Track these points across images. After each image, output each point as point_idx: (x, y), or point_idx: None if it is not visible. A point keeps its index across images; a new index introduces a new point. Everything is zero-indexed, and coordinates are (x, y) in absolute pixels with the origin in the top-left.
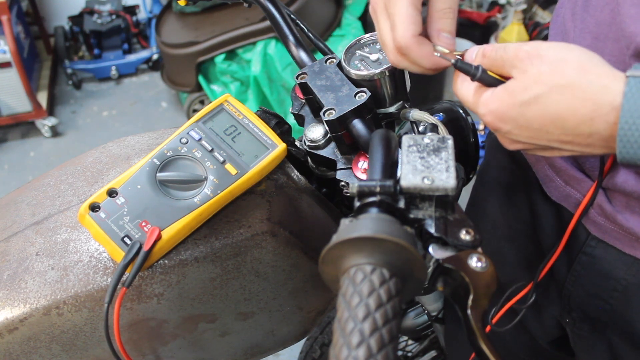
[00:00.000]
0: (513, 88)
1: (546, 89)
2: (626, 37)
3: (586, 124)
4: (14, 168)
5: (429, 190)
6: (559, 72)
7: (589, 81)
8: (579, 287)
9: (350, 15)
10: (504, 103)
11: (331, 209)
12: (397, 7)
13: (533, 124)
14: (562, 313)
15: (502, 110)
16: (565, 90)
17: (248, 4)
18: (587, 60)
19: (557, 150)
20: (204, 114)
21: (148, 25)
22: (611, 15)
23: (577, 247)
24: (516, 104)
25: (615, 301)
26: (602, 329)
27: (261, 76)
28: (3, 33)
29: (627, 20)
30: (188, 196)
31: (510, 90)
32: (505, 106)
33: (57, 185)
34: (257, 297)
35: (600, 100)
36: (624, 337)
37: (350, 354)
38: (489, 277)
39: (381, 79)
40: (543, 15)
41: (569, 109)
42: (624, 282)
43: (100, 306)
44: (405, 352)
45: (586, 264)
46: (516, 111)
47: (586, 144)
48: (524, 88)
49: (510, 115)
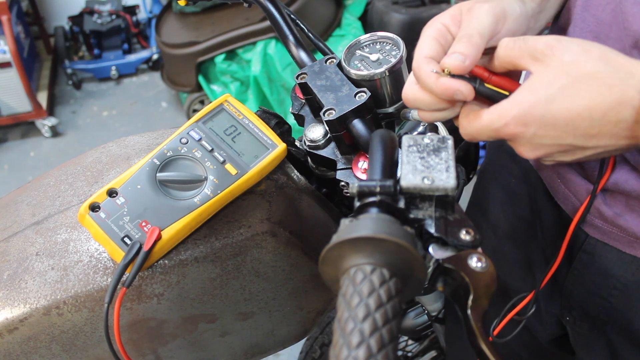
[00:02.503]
0: (535, 84)
1: (571, 80)
2: (630, 36)
3: (613, 110)
4: (14, 168)
5: (429, 190)
6: (582, 61)
7: (614, 68)
8: (579, 285)
9: (350, 15)
10: (525, 103)
11: (331, 209)
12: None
13: (559, 120)
14: (563, 311)
15: (525, 111)
16: (591, 79)
17: (248, 4)
18: (609, 51)
19: (580, 150)
20: (204, 114)
21: (148, 25)
22: (613, 15)
23: (577, 245)
24: (540, 100)
25: (615, 299)
26: (602, 327)
27: (261, 76)
28: (3, 33)
29: (630, 19)
30: (188, 196)
31: (532, 88)
32: (528, 106)
33: (57, 185)
34: (257, 297)
35: (626, 85)
36: (624, 335)
37: (350, 354)
38: (489, 277)
39: (381, 79)
40: None
41: (596, 98)
42: (624, 281)
43: (100, 306)
44: (405, 352)
45: (586, 262)
46: (542, 108)
47: (611, 135)
48: (548, 82)
49: (534, 114)
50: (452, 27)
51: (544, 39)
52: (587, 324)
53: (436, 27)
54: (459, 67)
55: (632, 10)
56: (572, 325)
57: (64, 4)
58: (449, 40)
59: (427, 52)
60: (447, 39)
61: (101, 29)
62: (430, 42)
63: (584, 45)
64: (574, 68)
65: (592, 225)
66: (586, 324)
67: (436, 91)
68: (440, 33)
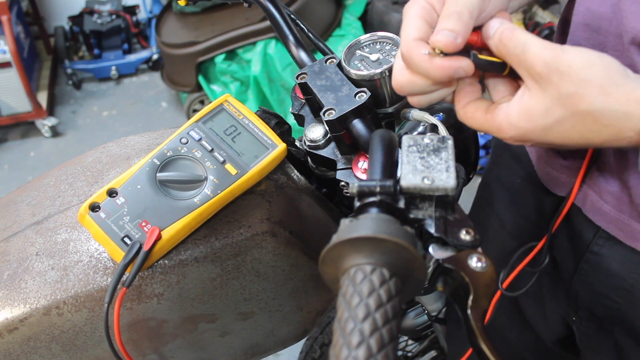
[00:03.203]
0: (532, 111)
1: (567, 114)
2: (628, 32)
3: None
4: (14, 168)
5: (429, 190)
6: (579, 96)
7: (612, 109)
8: (586, 285)
9: (350, 15)
10: (522, 129)
11: (331, 209)
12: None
13: (556, 144)
14: (569, 312)
15: (522, 135)
16: (587, 117)
17: (248, 4)
18: (610, 82)
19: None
20: (204, 114)
21: (148, 25)
22: (612, 10)
23: (584, 245)
24: (537, 129)
25: (622, 300)
26: (609, 328)
27: (261, 76)
28: (3, 33)
29: (629, 16)
30: (188, 196)
31: (528, 114)
32: (524, 132)
33: (57, 185)
34: (257, 297)
35: (622, 126)
36: (631, 336)
37: (350, 354)
38: (489, 277)
39: (381, 79)
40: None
41: (591, 133)
42: (631, 281)
43: (100, 306)
44: (405, 352)
45: (593, 262)
46: (537, 134)
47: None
48: (544, 111)
49: (531, 137)
50: (436, 5)
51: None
52: (593, 325)
53: (421, 4)
54: (451, 45)
55: (632, 8)
56: (578, 325)
57: (64, 4)
58: (435, 18)
59: (414, 33)
60: (433, 17)
61: (101, 29)
62: (416, 21)
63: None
64: (571, 102)
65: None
66: (593, 324)
67: (433, 73)
68: (425, 11)
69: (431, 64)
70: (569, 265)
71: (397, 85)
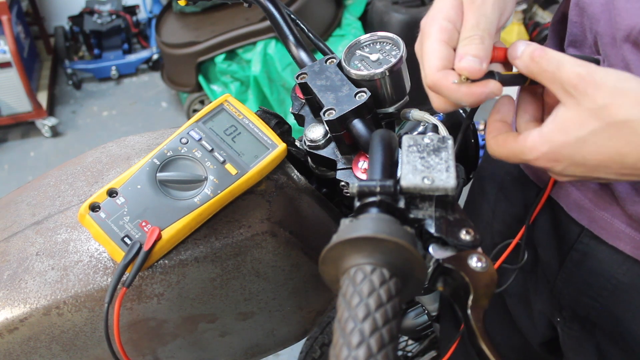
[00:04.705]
0: (566, 123)
1: (603, 125)
2: (621, 30)
3: None
4: (14, 168)
5: (429, 190)
6: (616, 106)
7: None
8: (570, 285)
9: (350, 15)
10: (556, 142)
11: (331, 209)
12: (425, 45)
13: (590, 161)
14: (553, 312)
15: (555, 150)
16: (624, 127)
17: (248, 4)
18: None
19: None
20: (204, 114)
21: (148, 25)
22: (606, 7)
23: (569, 244)
24: (571, 141)
25: (604, 300)
26: (592, 329)
27: (261, 76)
28: (3, 33)
29: (623, 14)
30: (188, 196)
31: (563, 127)
32: (558, 146)
33: (57, 185)
34: (257, 297)
35: None
36: (612, 337)
37: (350, 354)
38: (489, 277)
39: (381, 79)
40: (543, 15)
41: (628, 145)
42: (614, 281)
43: (100, 306)
44: (405, 352)
45: (577, 261)
46: (571, 149)
47: None
48: (579, 124)
49: (564, 153)
50: (457, 21)
51: (578, 70)
52: (576, 325)
53: (440, 25)
54: (477, 72)
55: (626, 5)
56: (562, 326)
57: (64, 4)
58: (455, 37)
59: (438, 63)
60: (454, 37)
61: (101, 29)
62: (437, 47)
63: (620, 85)
64: (607, 113)
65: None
66: (576, 324)
67: (465, 100)
68: (446, 32)
69: (462, 93)
70: (554, 264)
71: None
